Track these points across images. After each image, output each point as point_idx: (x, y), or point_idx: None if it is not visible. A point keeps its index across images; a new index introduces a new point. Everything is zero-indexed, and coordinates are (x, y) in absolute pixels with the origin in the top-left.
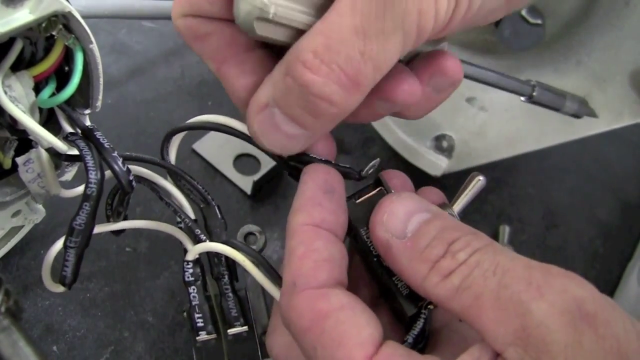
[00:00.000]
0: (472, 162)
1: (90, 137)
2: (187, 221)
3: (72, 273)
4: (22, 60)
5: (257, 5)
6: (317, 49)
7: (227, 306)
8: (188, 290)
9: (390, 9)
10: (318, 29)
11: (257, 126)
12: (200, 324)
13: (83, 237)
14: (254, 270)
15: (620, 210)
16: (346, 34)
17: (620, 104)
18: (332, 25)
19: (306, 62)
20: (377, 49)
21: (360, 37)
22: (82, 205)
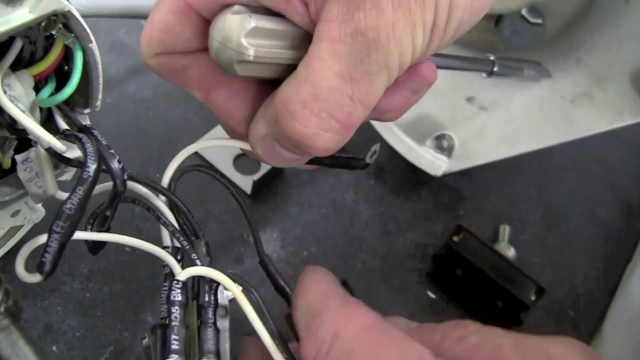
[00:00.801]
0: (472, 161)
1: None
2: (184, 244)
3: (52, 262)
4: (22, 60)
5: (236, 50)
6: (304, 99)
7: (206, 336)
8: (170, 309)
9: (373, 52)
10: (303, 77)
11: (260, 152)
12: (175, 347)
13: (71, 223)
14: (246, 305)
15: (621, 210)
16: (333, 81)
17: (621, 103)
18: (317, 73)
19: (295, 114)
20: (365, 91)
21: (347, 82)
22: (76, 189)
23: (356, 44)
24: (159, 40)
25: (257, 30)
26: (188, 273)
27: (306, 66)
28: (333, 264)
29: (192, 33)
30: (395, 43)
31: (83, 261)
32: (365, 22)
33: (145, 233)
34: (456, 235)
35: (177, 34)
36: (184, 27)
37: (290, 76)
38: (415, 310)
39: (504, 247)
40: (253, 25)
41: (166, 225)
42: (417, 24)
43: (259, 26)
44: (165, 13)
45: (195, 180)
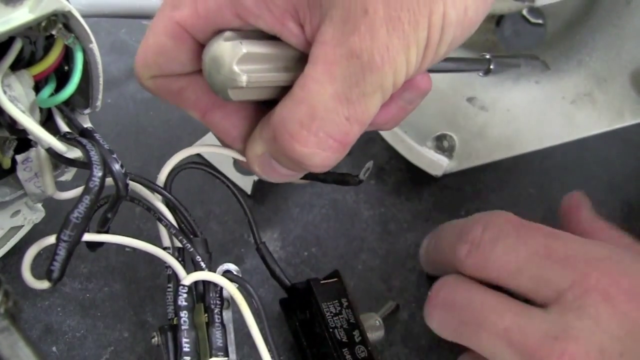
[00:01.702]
0: (472, 162)
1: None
2: (188, 246)
3: (60, 269)
4: (22, 60)
5: (230, 77)
6: (302, 119)
7: (215, 336)
8: (179, 313)
9: (368, 74)
10: (299, 97)
11: (257, 168)
12: (187, 349)
13: (77, 231)
14: (247, 311)
15: (621, 210)
16: (329, 102)
17: (621, 103)
18: (313, 94)
19: (293, 134)
20: (360, 111)
21: (343, 104)
22: (82, 198)
23: (351, 66)
24: (154, 63)
25: (249, 56)
26: (193, 278)
27: (302, 87)
28: (333, 264)
29: (187, 56)
30: (389, 65)
31: (83, 262)
32: (360, 45)
33: (146, 233)
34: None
35: (173, 57)
36: (179, 51)
37: (287, 96)
38: (416, 310)
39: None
40: (244, 51)
41: (167, 226)
42: (410, 44)
43: (251, 52)
44: (160, 36)
45: (195, 180)
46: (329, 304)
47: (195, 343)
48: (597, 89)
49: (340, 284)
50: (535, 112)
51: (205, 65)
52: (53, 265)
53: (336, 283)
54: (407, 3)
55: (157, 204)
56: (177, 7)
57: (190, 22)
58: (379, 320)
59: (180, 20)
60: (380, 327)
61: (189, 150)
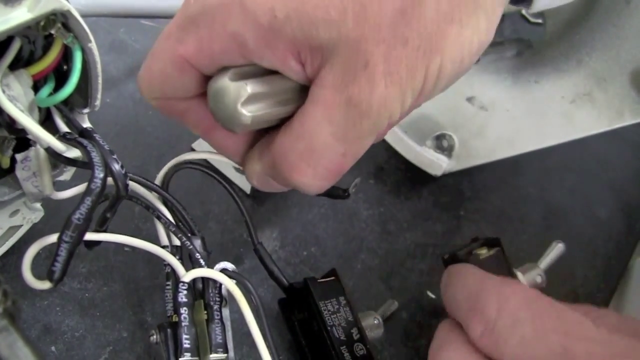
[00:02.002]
0: (472, 161)
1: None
2: (187, 243)
3: (62, 269)
4: (21, 59)
5: (235, 116)
6: (301, 153)
7: (215, 332)
8: (179, 310)
9: (365, 120)
10: (299, 132)
11: (255, 182)
12: (187, 345)
13: (79, 232)
14: (247, 309)
15: (621, 210)
16: (327, 140)
17: (621, 103)
18: (312, 132)
19: (292, 166)
20: (356, 147)
21: (340, 142)
22: (84, 200)
23: (349, 113)
24: (158, 89)
25: (253, 96)
26: (193, 275)
27: (302, 123)
28: (333, 264)
29: (191, 84)
30: (386, 112)
31: (82, 261)
32: (359, 96)
33: (145, 232)
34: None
35: (177, 86)
36: (183, 80)
37: (287, 128)
38: (416, 310)
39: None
40: (249, 93)
41: (165, 223)
42: (406, 93)
43: (255, 92)
44: (165, 66)
45: (194, 179)
46: (326, 303)
47: (195, 339)
48: (596, 88)
49: (338, 283)
50: (534, 111)
51: (210, 101)
52: (54, 265)
53: (334, 282)
54: (405, 58)
55: (155, 202)
56: (182, 41)
57: (195, 58)
58: (378, 319)
59: (185, 54)
60: (379, 325)
61: (191, 155)
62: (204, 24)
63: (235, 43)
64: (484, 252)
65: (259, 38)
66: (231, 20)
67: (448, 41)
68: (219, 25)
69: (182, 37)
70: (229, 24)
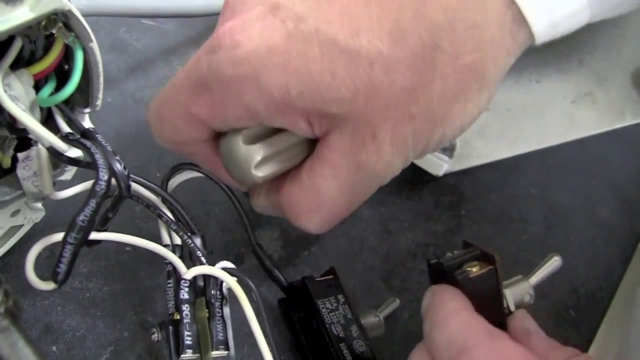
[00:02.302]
0: (473, 161)
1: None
2: (188, 241)
3: (66, 271)
4: (22, 59)
5: (248, 177)
6: (309, 204)
7: (216, 329)
8: (180, 307)
9: (371, 181)
10: (307, 185)
11: (260, 210)
12: (189, 342)
13: (83, 234)
14: (248, 307)
15: (622, 209)
16: (334, 195)
17: (622, 103)
18: (320, 187)
19: (300, 215)
20: (360, 198)
21: (346, 196)
22: (89, 202)
23: (356, 174)
24: (170, 136)
25: (265, 159)
26: (194, 272)
27: (311, 178)
28: (334, 264)
29: (202, 134)
30: (390, 173)
31: (83, 261)
32: (366, 160)
33: (146, 232)
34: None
35: (188, 135)
36: (195, 132)
37: (295, 179)
38: (417, 309)
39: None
40: (262, 156)
41: (167, 222)
42: (409, 156)
43: (267, 154)
44: (176, 118)
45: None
46: (324, 301)
47: (196, 336)
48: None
49: (337, 281)
50: (535, 111)
51: (224, 160)
52: (59, 267)
53: (332, 280)
54: (411, 131)
55: (156, 201)
56: (195, 102)
57: (208, 119)
58: (379, 317)
59: (197, 114)
60: (380, 323)
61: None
62: (218, 91)
63: (249, 113)
64: (475, 270)
65: (272, 109)
66: (246, 94)
67: (452, 115)
68: (234, 96)
69: (195, 98)
70: (243, 97)
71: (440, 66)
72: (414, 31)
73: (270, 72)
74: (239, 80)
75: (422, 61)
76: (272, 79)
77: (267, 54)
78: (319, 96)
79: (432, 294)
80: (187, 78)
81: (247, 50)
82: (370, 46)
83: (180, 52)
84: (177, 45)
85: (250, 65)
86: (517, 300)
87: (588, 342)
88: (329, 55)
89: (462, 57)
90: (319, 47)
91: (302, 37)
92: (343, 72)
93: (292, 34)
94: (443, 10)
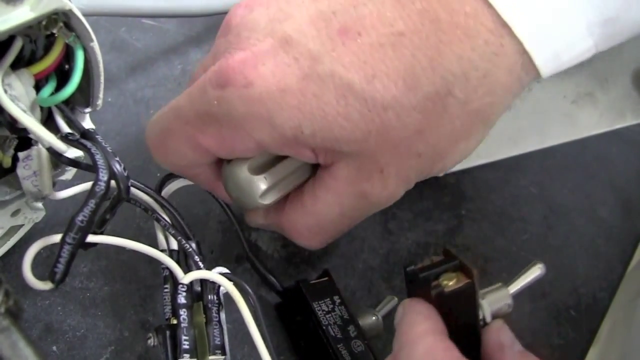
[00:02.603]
0: (474, 161)
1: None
2: (186, 246)
3: (64, 271)
4: (22, 58)
5: (254, 205)
6: (310, 227)
7: (213, 334)
8: (178, 312)
9: (374, 207)
10: (309, 209)
11: (254, 226)
12: (186, 347)
13: (82, 234)
14: (245, 311)
15: (622, 209)
16: (336, 219)
17: (623, 104)
18: (322, 212)
19: (301, 235)
20: (358, 221)
21: (346, 220)
22: (88, 202)
23: (359, 202)
24: (173, 162)
25: (270, 187)
26: (192, 277)
27: (314, 202)
28: (334, 264)
29: (205, 160)
30: (392, 201)
31: (83, 261)
32: (371, 191)
33: (146, 232)
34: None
35: (191, 160)
36: (197, 158)
37: (297, 203)
38: None
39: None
40: (268, 186)
41: (165, 226)
42: (411, 184)
43: (272, 183)
44: (181, 146)
45: None
46: (320, 303)
47: (194, 341)
48: (598, 88)
49: (331, 283)
50: (536, 111)
51: (227, 185)
52: (57, 267)
53: (327, 282)
54: (416, 165)
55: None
56: (203, 132)
57: (215, 149)
58: (377, 316)
59: (204, 144)
60: (378, 322)
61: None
62: (228, 126)
63: (258, 146)
64: (452, 284)
65: (282, 144)
66: (258, 132)
67: (455, 150)
68: (245, 132)
69: (203, 129)
70: (255, 133)
71: (450, 110)
72: (428, 79)
73: (284, 113)
74: (250, 118)
75: (433, 106)
76: (285, 119)
77: (281, 95)
78: (331, 136)
79: (404, 310)
80: (194, 109)
81: (261, 90)
82: (384, 91)
83: (180, 52)
84: (178, 45)
85: (263, 106)
86: (495, 310)
87: (588, 343)
88: (344, 99)
89: (472, 103)
90: (335, 90)
91: (318, 79)
92: (357, 116)
93: (307, 75)
94: (457, 59)
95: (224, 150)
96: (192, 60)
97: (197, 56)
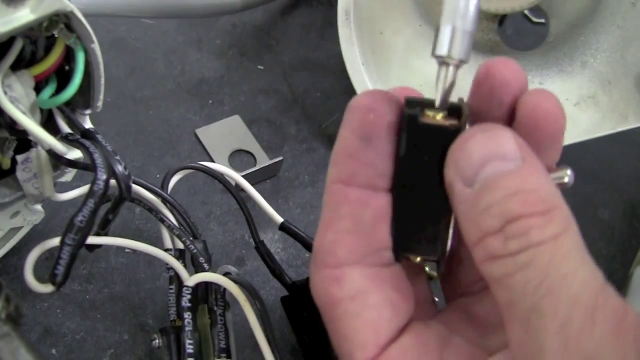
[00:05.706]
0: None
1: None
2: (191, 247)
3: (64, 273)
4: (22, 60)
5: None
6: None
7: (218, 337)
8: (182, 314)
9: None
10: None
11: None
12: (190, 350)
13: (82, 235)
14: (250, 313)
15: (624, 211)
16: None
17: (626, 106)
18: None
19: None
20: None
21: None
22: (87, 202)
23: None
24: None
25: None
26: (197, 279)
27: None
28: None
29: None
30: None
31: (83, 263)
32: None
33: (146, 234)
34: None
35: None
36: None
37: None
38: None
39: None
40: None
41: (169, 227)
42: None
43: None
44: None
45: (196, 181)
46: None
47: (198, 344)
48: (601, 91)
49: None
50: None
51: None
52: (57, 269)
53: None
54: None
55: (158, 204)
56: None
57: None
58: None
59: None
60: None
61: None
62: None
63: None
64: (439, 118)
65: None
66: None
67: None
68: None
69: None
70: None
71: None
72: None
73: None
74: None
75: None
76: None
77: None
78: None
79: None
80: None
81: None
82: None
83: (180, 52)
84: (178, 45)
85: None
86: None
87: None
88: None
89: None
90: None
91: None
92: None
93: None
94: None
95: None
96: (192, 60)
97: (197, 56)
